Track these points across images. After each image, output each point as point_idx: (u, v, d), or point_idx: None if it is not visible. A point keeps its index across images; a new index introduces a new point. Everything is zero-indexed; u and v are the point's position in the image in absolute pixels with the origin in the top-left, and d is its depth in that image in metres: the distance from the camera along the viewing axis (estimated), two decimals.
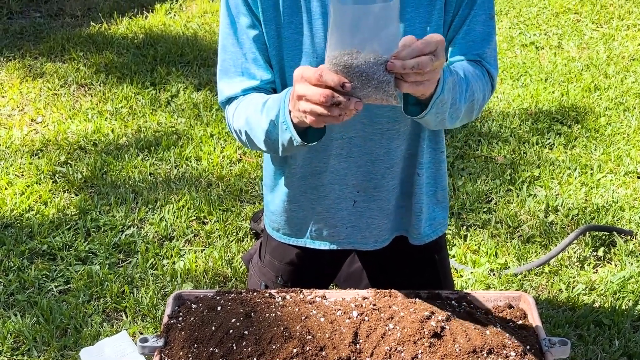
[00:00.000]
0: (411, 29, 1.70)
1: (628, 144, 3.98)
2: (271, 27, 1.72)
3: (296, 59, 1.74)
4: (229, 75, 1.80)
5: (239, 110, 1.77)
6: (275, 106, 1.61)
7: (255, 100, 1.72)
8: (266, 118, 1.64)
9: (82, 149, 3.84)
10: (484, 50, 1.80)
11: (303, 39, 1.71)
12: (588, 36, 5.29)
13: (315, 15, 1.69)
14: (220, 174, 3.64)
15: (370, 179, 1.94)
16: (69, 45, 4.87)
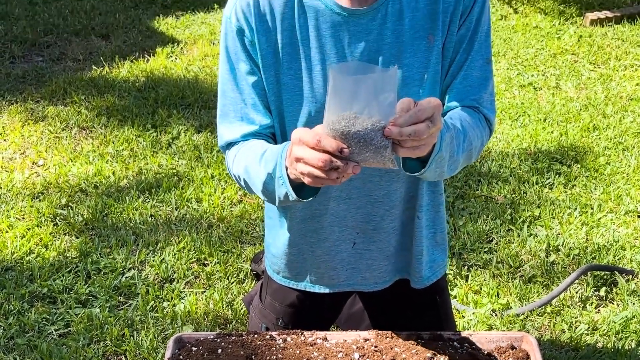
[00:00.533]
0: (409, 74, 1.71)
1: (628, 183, 3.99)
2: (270, 72, 1.74)
3: (295, 105, 1.75)
4: (229, 119, 1.82)
5: (239, 157, 1.78)
6: (272, 159, 1.63)
7: (254, 150, 1.73)
8: (264, 170, 1.66)
9: (83, 192, 3.85)
10: (481, 95, 1.81)
11: (302, 84, 1.73)
12: (586, 77, 5.34)
13: (315, 62, 1.71)
14: (221, 215, 3.65)
15: (370, 221, 1.94)
16: (70, 89, 4.91)
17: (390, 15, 1.69)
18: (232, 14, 1.72)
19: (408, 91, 1.71)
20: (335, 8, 1.68)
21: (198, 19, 6.32)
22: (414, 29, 1.70)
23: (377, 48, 1.70)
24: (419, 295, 2.11)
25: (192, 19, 6.30)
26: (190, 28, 6.10)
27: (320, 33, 1.70)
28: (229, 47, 1.75)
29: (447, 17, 1.71)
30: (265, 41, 1.71)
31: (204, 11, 6.53)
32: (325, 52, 1.70)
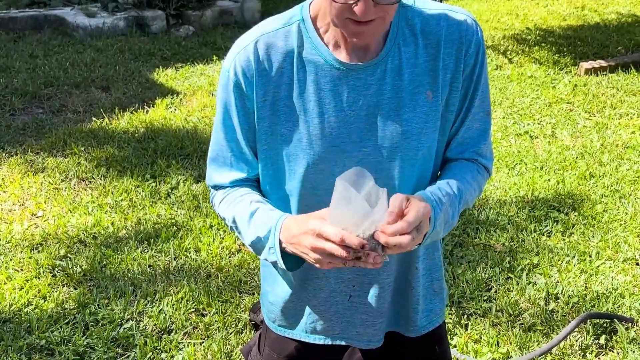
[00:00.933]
0: (408, 128, 1.73)
1: (625, 230, 4.00)
2: (265, 124, 1.76)
3: (292, 156, 1.76)
4: (218, 164, 1.86)
5: (227, 203, 1.84)
6: (263, 226, 1.71)
7: (243, 204, 1.79)
8: (253, 231, 1.74)
9: (82, 242, 3.85)
10: (480, 147, 1.85)
11: (301, 137, 1.74)
12: (581, 125, 5.38)
13: (313, 115, 1.73)
14: (219, 265, 3.65)
15: (366, 274, 1.94)
16: (70, 140, 4.94)
17: (390, 70, 1.71)
18: (230, 68, 1.74)
19: (407, 145, 1.73)
20: (334, 63, 1.70)
21: (197, 70, 6.40)
22: (413, 84, 1.72)
23: (375, 103, 1.72)
24: (417, 345, 2.09)
25: (192, 71, 6.37)
26: (189, 79, 6.17)
27: (319, 87, 1.72)
28: (224, 99, 1.78)
29: (448, 74, 1.74)
30: (262, 94, 1.73)
31: (202, 63, 6.60)
32: (324, 105, 1.72)
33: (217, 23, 7.74)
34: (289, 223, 1.67)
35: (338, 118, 1.72)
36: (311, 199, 1.79)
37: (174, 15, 7.51)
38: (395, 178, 1.77)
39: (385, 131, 1.73)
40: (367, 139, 1.73)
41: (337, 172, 1.71)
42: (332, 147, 1.73)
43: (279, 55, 1.72)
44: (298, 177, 1.78)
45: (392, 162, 1.75)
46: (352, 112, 1.72)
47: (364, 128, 1.73)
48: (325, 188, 1.77)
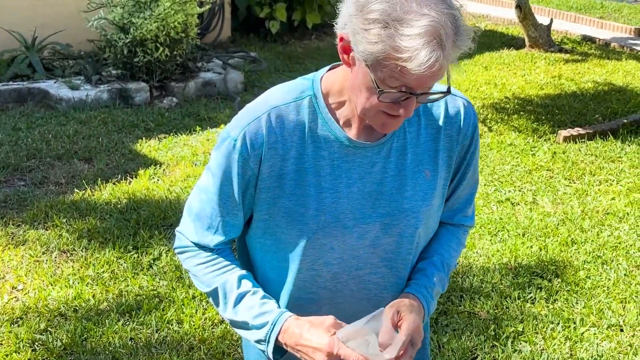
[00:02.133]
0: (409, 206, 1.78)
1: (609, 296, 4.00)
2: (268, 194, 1.75)
3: (293, 229, 1.76)
4: (203, 224, 1.82)
5: (208, 269, 1.83)
6: (257, 316, 1.73)
7: (231, 280, 1.79)
8: (241, 315, 1.76)
9: (63, 316, 3.80)
10: (467, 210, 1.97)
11: (304, 211, 1.74)
12: (562, 192, 5.44)
13: (318, 190, 1.74)
14: (202, 337, 3.60)
15: None
16: (52, 212, 4.92)
17: (395, 150, 1.77)
18: (239, 138, 1.72)
19: (407, 222, 1.79)
20: (345, 140, 1.73)
21: (180, 141, 6.43)
22: (414, 163, 1.78)
23: (380, 179, 1.76)
24: None
25: (175, 141, 6.40)
26: (172, 150, 6.20)
27: (328, 163, 1.74)
28: (225, 166, 1.75)
29: (445, 154, 1.81)
30: (269, 166, 1.72)
31: (185, 133, 6.64)
32: (331, 181, 1.74)
33: (200, 94, 7.81)
34: (292, 326, 1.69)
35: (342, 194, 1.75)
36: (308, 272, 1.81)
37: (157, 87, 7.58)
38: (391, 252, 1.82)
39: (386, 208, 1.77)
40: (369, 216, 1.77)
41: (337, 246, 1.77)
42: (335, 222, 1.75)
43: (289, 129, 1.73)
44: (298, 251, 1.78)
45: (390, 238, 1.80)
46: (356, 188, 1.75)
47: (366, 205, 1.76)
48: (323, 262, 1.80)
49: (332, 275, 1.82)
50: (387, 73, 1.51)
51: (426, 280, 1.84)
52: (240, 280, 1.78)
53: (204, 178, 1.82)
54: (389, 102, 1.57)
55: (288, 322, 1.70)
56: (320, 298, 1.85)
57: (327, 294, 1.85)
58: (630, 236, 4.70)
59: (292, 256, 1.80)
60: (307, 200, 1.74)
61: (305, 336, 1.66)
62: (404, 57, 1.45)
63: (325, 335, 1.64)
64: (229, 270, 1.81)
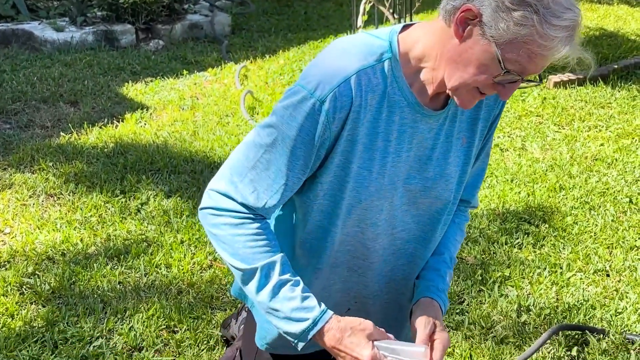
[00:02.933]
0: (449, 171, 1.84)
1: (595, 242, 4.03)
2: (340, 158, 1.71)
3: (354, 190, 1.75)
4: (260, 185, 1.70)
5: (246, 242, 1.71)
6: (296, 310, 1.69)
7: (272, 264, 1.71)
8: (277, 304, 1.70)
9: (50, 259, 3.80)
10: (476, 190, 2.04)
11: (367, 174, 1.74)
12: (551, 138, 5.43)
13: (391, 154, 1.74)
14: (190, 281, 3.61)
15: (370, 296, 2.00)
16: (38, 156, 4.88)
17: (448, 118, 1.80)
18: (327, 100, 1.64)
19: (444, 187, 1.85)
20: (416, 106, 1.73)
21: (167, 84, 6.36)
22: (457, 130, 1.82)
23: (432, 145, 1.80)
24: None
25: (161, 85, 6.34)
26: (159, 94, 6.13)
27: (397, 127, 1.73)
28: (305, 128, 1.66)
29: (481, 123, 1.85)
30: (348, 130, 1.69)
31: (172, 77, 6.57)
32: (396, 145, 1.75)
33: (187, 37, 7.71)
34: (334, 329, 1.69)
35: (401, 158, 1.77)
36: (352, 228, 1.82)
37: (143, 30, 7.48)
38: (423, 210, 1.88)
39: (430, 172, 1.81)
40: (413, 178, 1.80)
41: (385, 208, 1.80)
42: (391, 185, 1.78)
43: (371, 92, 1.68)
44: (350, 211, 1.79)
45: (427, 200, 1.85)
46: (412, 153, 1.78)
47: (414, 167, 1.79)
48: (370, 222, 1.82)
49: (375, 236, 1.85)
50: (515, 56, 1.54)
51: (443, 284, 1.95)
52: (282, 265, 1.71)
53: (264, 135, 1.70)
54: (497, 83, 1.60)
55: (330, 324, 1.68)
56: (358, 255, 1.89)
57: (364, 251, 1.88)
58: (618, 182, 4.71)
59: (343, 216, 1.80)
60: (372, 164, 1.74)
61: (346, 342, 1.67)
62: (546, 44, 1.50)
63: (367, 345, 1.66)
64: (272, 251, 1.72)
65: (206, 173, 4.67)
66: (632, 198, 4.51)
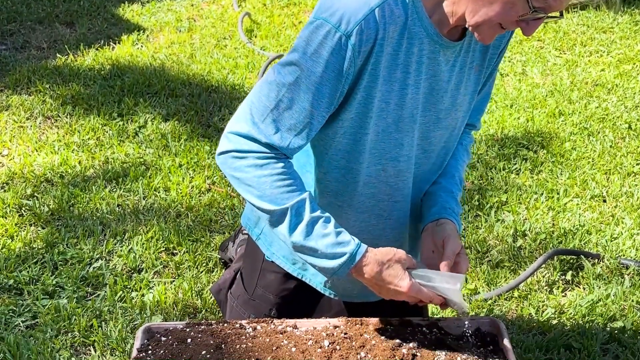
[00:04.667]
0: (461, 100, 1.85)
1: (593, 168, 4.03)
2: (361, 93, 1.69)
3: (374, 125, 1.75)
4: (284, 124, 1.67)
5: (273, 182, 1.68)
6: (330, 244, 1.67)
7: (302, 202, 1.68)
8: (312, 242, 1.67)
9: (49, 182, 3.80)
10: (481, 113, 2.06)
11: (386, 106, 1.73)
12: (551, 63, 5.38)
13: (410, 86, 1.73)
14: (189, 205, 3.63)
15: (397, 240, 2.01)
16: (34, 78, 4.84)
17: (463, 49, 1.78)
18: (353, 34, 1.59)
19: (455, 116, 1.86)
20: (436, 38, 1.70)
21: (164, 6, 6.26)
22: (470, 60, 1.81)
23: (449, 77, 1.78)
24: None
25: (158, 6, 6.24)
26: (156, 15, 6.04)
27: (416, 59, 1.71)
28: (331, 63, 1.62)
29: (492, 50, 1.85)
30: (373, 63, 1.66)
31: None
32: (415, 77, 1.73)
33: None
34: (372, 262, 1.69)
35: (420, 90, 1.75)
36: (374, 167, 1.82)
37: None
38: (434, 144, 1.88)
39: (444, 103, 1.81)
40: (428, 109, 1.80)
41: (406, 143, 1.80)
42: (410, 117, 1.77)
43: (394, 24, 1.65)
44: (371, 146, 1.78)
45: (438, 131, 1.85)
46: (428, 84, 1.76)
47: (431, 99, 1.79)
48: (391, 157, 1.81)
49: (396, 172, 1.84)
50: None
51: (458, 207, 1.96)
52: (311, 203, 1.68)
53: (286, 73, 1.65)
54: (521, 20, 1.60)
55: (367, 257, 1.68)
56: (379, 192, 1.88)
57: (387, 189, 1.88)
58: (617, 108, 4.69)
59: (363, 153, 1.78)
60: (390, 96, 1.72)
61: (384, 275, 1.68)
62: None
63: (404, 276, 1.68)
64: (299, 190, 1.69)
65: (204, 96, 4.64)
66: (631, 124, 4.49)
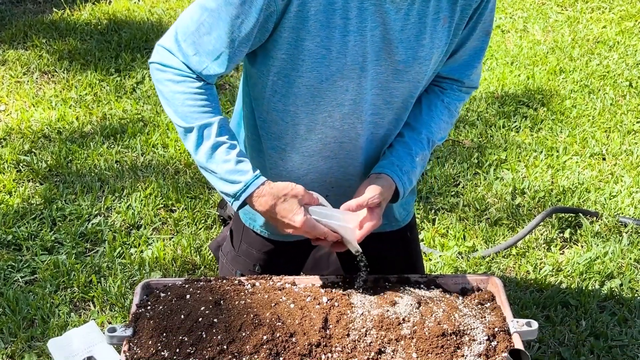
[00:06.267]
0: (423, 54, 1.77)
1: (593, 126, 4.02)
2: (291, 35, 1.67)
3: (313, 71, 1.72)
4: (203, 48, 1.69)
5: (186, 100, 1.72)
6: (231, 171, 1.70)
7: (210, 125, 1.71)
8: (212, 165, 1.71)
9: (46, 137, 3.79)
10: (475, 66, 1.94)
11: (326, 53, 1.69)
12: (553, 19, 5.33)
13: (352, 33, 1.67)
14: (187, 161, 3.62)
15: (346, 179, 1.97)
16: (31, 32, 4.79)
17: None
18: None
19: (419, 69, 1.79)
20: None
21: None
22: (435, 10, 1.73)
23: (402, 26, 1.71)
24: (391, 237, 2.14)
25: None
26: None
27: (363, 6, 1.66)
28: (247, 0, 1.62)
29: (468, 3, 1.76)
30: (298, 4, 1.63)
31: None
32: (357, 24, 1.67)
33: None
34: (267, 195, 1.70)
35: (366, 37, 1.70)
36: (320, 114, 1.80)
37: None
38: (397, 96, 1.83)
39: (402, 55, 1.74)
40: (384, 60, 1.74)
41: (351, 88, 1.76)
42: (354, 65, 1.72)
43: None
44: (312, 93, 1.75)
45: (400, 84, 1.80)
46: (379, 32, 1.70)
47: (384, 48, 1.72)
48: (337, 103, 1.79)
49: (342, 116, 1.81)
50: None
51: (410, 164, 1.88)
52: (220, 127, 1.71)
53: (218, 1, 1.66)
54: None
55: (262, 189, 1.70)
56: (326, 136, 1.86)
57: (334, 133, 1.85)
58: (619, 65, 4.66)
59: (304, 98, 1.77)
60: (330, 43, 1.68)
61: (279, 208, 1.69)
62: None
63: (299, 211, 1.68)
64: (211, 112, 1.72)
65: None
66: (632, 82, 4.46)
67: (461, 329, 1.68)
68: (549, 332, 2.71)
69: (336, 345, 1.63)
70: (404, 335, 1.65)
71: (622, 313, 2.80)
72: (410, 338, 1.65)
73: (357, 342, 1.64)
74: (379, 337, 1.64)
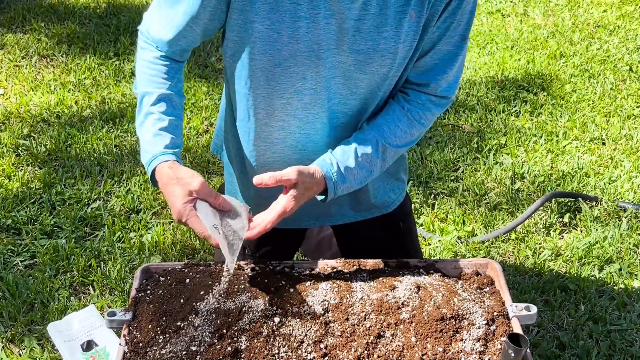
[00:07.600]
0: (385, 46, 1.71)
1: (593, 110, 4.01)
2: (240, 16, 1.68)
3: (266, 54, 1.71)
4: (166, 22, 1.78)
5: (143, 67, 1.82)
6: (148, 142, 1.75)
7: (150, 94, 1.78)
8: (140, 132, 1.78)
9: (45, 122, 3.78)
10: (438, 78, 1.85)
11: (278, 37, 1.68)
12: (553, 3, 5.31)
13: (302, 18, 1.66)
14: (187, 146, 3.61)
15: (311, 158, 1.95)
16: (29, 16, 4.78)
17: None
18: None
19: (382, 63, 1.74)
20: None
21: None
22: (399, 2, 1.68)
23: (359, 16, 1.67)
24: (381, 225, 2.12)
25: None
26: None
27: None
28: None
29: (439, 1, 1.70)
30: None
31: None
32: (318, 11, 1.65)
33: None
34: (163, 174, 1.71)
35: (319, 25, 1.67)
36: (278, 100, 1.78)
37: None
38: (362, 87, 1.79)
39: (361, 45, 1.71)
40: (343, 50, 1.71)
41: (309, 76, 1.74)
42: (309, 52, 1.70)
43: None
44: (268, 77, 1.74)
45: (364, 75, 1.76)
46: (334, 20, 1.67)
47: (342, 39, 1.70)
48: (295, 90, 1.77)
49: (304, 105, 1.79)
50: None
51: (344, 157, 1.80)
52: (159, 99, 1.77)
53: None
54: None
55: (162, 166, 1.71)
56: (289, 126, 1.84)
57: (297, 122, 1.83)
58: (619, 50, 4.65)
59: (260, 81, 1.76)
60: (281, 27, 1.67)
61: (167, 189, 1.70)
62: None
63: (182, 198, 1.67)
64: (157, 83, 1.79)
65: None
66: (632, 66, 4.45)
67: (460, 313, 1.68)
68: (548, 316, 2.72)
69: (335, 330, 1.64)
70: (403, 319, 1.65)
71: (621, 297, 2.81)
72: (409, 322, 1.65)
73: (357, 326, 1.64)
74: (378, 322, 1.65)
